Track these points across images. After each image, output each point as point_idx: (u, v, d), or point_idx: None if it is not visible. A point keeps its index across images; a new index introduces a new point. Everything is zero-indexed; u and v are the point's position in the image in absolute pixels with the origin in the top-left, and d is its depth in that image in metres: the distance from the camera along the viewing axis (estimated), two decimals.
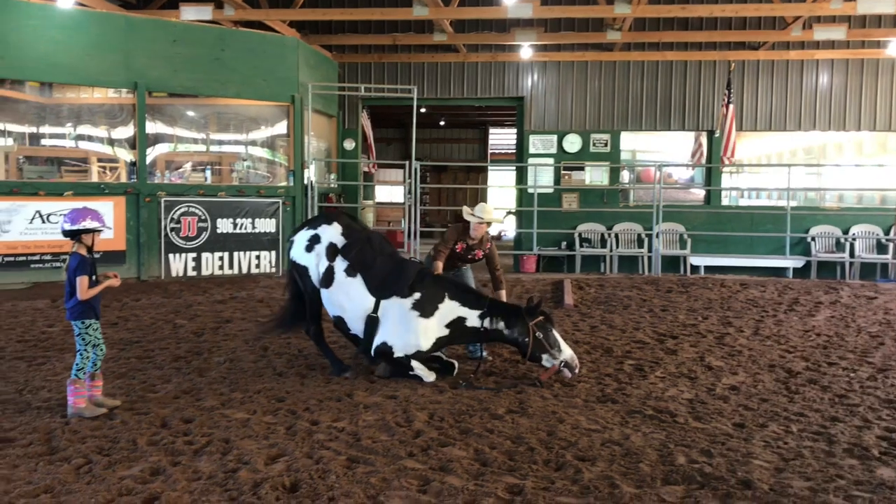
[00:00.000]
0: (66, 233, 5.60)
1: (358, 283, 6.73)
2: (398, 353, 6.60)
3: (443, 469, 4.55)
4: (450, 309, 6.66)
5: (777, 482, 4.41)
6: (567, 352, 6.67)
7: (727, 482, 4.39)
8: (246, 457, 4.66)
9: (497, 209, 7.82)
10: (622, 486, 4.33)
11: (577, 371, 6.70)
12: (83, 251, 5.61)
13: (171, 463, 4.60)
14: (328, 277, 6.82)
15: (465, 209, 7.47)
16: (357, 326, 6.79)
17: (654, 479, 4.45)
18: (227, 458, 4.66)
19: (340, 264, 6.80)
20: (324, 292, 6.87)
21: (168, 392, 6.23)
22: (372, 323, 6.67)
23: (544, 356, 6.60)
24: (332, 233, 6.98)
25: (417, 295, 6.62)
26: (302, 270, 7.01)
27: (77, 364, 5.58)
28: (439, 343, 6.73)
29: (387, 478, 4.37)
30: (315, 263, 6.90)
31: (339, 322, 6.93)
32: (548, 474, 4.52)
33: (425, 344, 6.62)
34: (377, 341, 6.64)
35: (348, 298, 6.76)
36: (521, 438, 5.11)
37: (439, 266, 7.31)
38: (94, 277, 5.62)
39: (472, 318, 6.68)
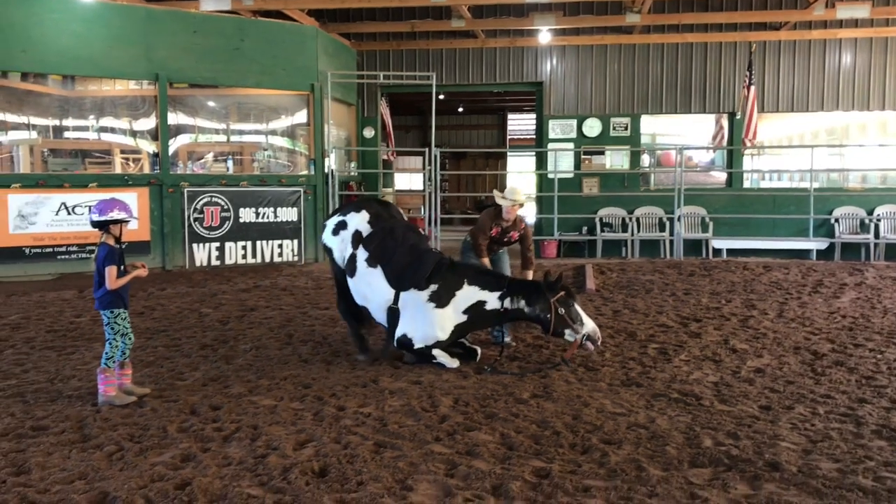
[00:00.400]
0: (94, 223, 5.66)
1: (378, 274, 6.79)
2: (418, 345, 6.66)
3: (469, 453, 4.58)
4: (468, 294, 6.67)
5: (805, 464, 4.40)
6: (589, 324, 6.66)
7: (755, 464, 4.39)
8: (274, 442, 4.72)
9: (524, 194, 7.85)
10: (649, 468, 4.34)
11: (599, 343, 6.71)
12: (111, 241, 5.68)
13: (202, 449, 4.66)
14: (352, 266, 6.93)
15: (496, 193, 7.53)
16: (380, 316, 6.87)
17: (681, 462, 4.45)
18: (256, 444, 4.72)
19: (362, 254, 6.89)
20: (349, 281, 6.97)
21: (196, 380, 6.30)
22: (393, 314, 6.73)
23: (567, 331, 6.60)
24: (358, 220, 7.08)
25: (434, 286, 6.64)
26: (329, 253, 7.27)
27: (106, 353, 5.66)
28: (459, 331, 6.75)
29: (414, 462, 4.41)
30: (340, 249, 7.08)
31: (365, 311, 7.01)
32: (574, 458, 4.54)
33: (442, 335, 6.65)
34: (398, 333, 6.72)
35: (370, 289, 6.84)
36: (546, 422, 5.13)
37: (486, 262, 7.44)
38: (122, 267, 5.70)
39: (492, 300, 6.69)
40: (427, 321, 6.61)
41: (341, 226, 7.13)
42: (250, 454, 4.55)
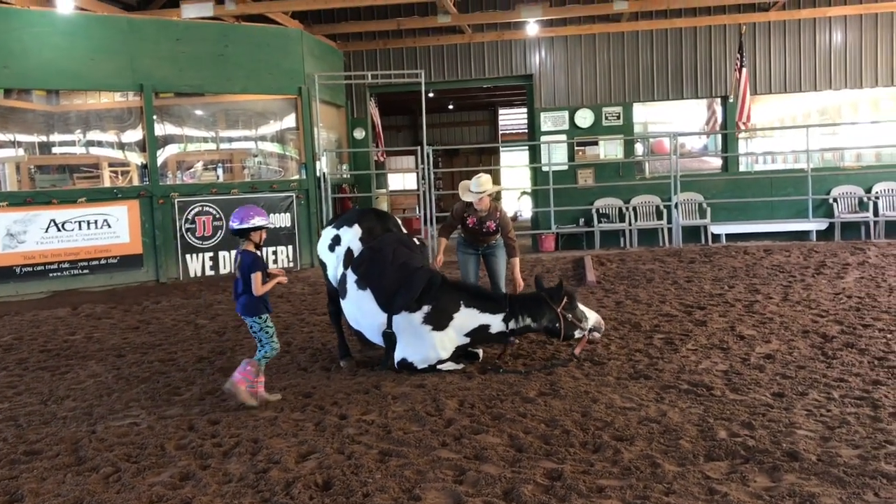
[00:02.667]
0: (235, 231, 5.72)
1: (368, 297, 6.50)
2: (421, 366, 6.42)
3: (478, 457, 4.43)
4: (468, 317, 6.44)
5: (824, 452, 4.26)
6: (592, 317, 6.61)
7: (772, 455, 4.25)
8: (276, 456, 4.56)
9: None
10: (664, 464, 4.20)
11: (603, 329, 6.76)
12: (251, 248, 5.72)
13: (201, 467, 4.50)
14: (343, 287, 6.66)
15: (462, 185, 7.44)
16: (377, 339, 6.64)
17: (697, 456, 4.31)
18: (256, 459, 4.56)
19: (351, 276, 6.60)
20: (342, 302, 6.74)
21: (193, 394, 6.15)
22: (389, 338, 6.49)
23: (577, 332, 6.48)
24: (351, 236, 6.81)
25: (427, 308, 6.38)
26: (323, 266, 7.08)
27: (265, 353, 5.71)
28: (462, 349, 6.56)
29: (421, 470, 4.26)
30: (334, 265, 6.87)
31: (360, 335, 6.85)
32: (586, 457, 4.39)
33: (445, 354, 6.46)
34: (397, 356, 6.48)
35: (362, 313, 6.57)
36: (555, 421, 4.98)
37: (442, 242, 7.66)
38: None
39: (496, 323, 6.47)
40: (427, 344, 6.38)
41: (336, 241, 6.88)
42: (251, 469, 4.40)
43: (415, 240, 7.03)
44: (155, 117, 12.72)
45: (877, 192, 14.99)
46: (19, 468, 4.62)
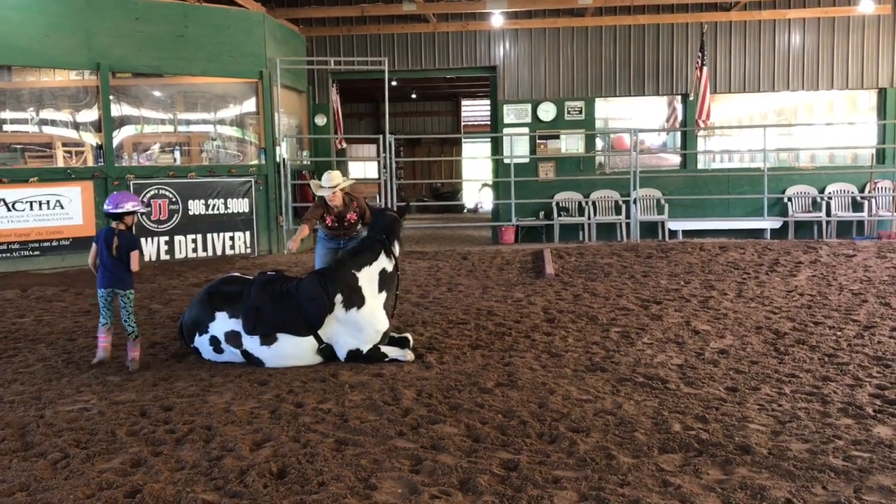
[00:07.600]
0: (110, 215, 6.48)
1: (284, 340, 6.28)
2: (368, 347, 6.39)
3: (434, 447, 4.43)
4: (369, 277, 6.52)
5: (775, 446, 4.34)
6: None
7: (725, 448, 4.31)
8: (230, 443, 4.50)
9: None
10: (619, 456, 4.23)
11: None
12: (124, 229, 6.51)
13: (153, 453, 4.43)
14: (254, 357, 6.36)
15: (313, 183, 7.55)
16: (316, 358, 6.42)
17: (651, 448, 4.36)
18: (210, 446, 4.50)
19: (254, 340, 6.32)
20: (266, 365, 6.38)
21: (146, 379, 6.04)
22: (327, 352, 6.40)
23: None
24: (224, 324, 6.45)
25: (340, 297, 6.38)
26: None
27: (135, 323, 6.51)
28: (390, 309, 6.64)
29: (377, 459, 4.24)
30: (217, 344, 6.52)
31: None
32: (542, 448, 4.41)
33: (383, 325, 6.49)
34: (343, 353, 6.38)
35: (291, 356, 6.32)
36: (512, 412, 4.99)
37: (305, 229, 7.52)
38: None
39: (387, 262, 6.65)
40: (363, 325, 6.38)
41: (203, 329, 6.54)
42: (204, 457, 4.33)
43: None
44: (111, 97, 12.45)
45: (829, 193, 15.31)
46: None
